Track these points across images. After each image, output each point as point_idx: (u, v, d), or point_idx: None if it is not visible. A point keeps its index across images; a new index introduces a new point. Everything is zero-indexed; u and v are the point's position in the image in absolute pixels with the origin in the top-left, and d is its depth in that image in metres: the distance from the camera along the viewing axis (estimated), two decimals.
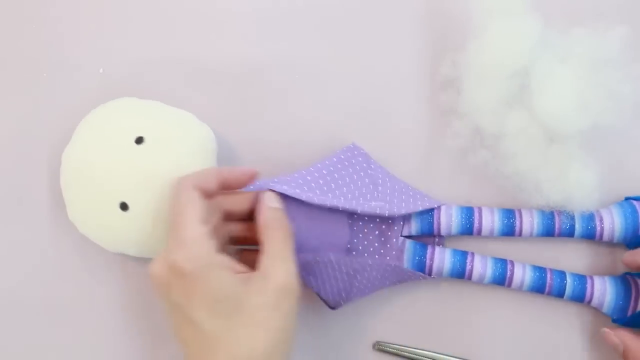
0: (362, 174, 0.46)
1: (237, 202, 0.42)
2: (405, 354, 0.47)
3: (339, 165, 0.46)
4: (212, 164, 0.45)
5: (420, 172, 0.48)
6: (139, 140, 0.42)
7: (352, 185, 0.45)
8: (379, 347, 0.47)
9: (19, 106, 0.48)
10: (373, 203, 0.44)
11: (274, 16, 0.50)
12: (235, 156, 0.48)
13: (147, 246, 0.43)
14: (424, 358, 0.47)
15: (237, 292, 0.37)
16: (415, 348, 0.47)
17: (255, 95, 0.49)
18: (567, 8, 0.49)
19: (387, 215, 0.44)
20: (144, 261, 0.46)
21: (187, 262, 0.36)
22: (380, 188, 0.46)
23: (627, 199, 0.47)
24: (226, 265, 0.38)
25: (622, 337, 0.43)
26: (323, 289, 0.45)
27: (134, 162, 0.42)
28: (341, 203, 0.43)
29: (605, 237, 0.46)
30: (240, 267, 0.39)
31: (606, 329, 0.44)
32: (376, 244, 0.46)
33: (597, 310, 0.46)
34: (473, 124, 0.46)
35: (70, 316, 0.48)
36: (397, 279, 0.46)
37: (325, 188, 0.44)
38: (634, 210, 0.45)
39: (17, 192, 0.48)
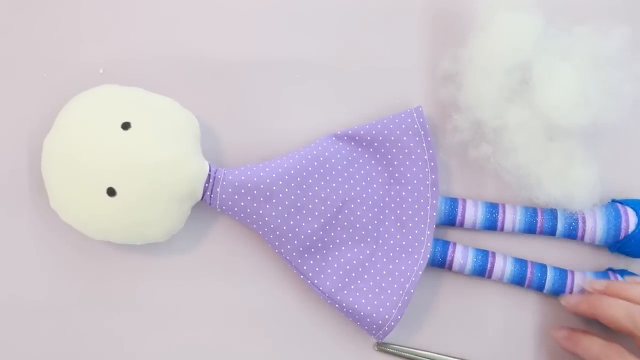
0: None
1: None
2: (405, 354, 0.47)
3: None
4: (196, 149, 0.45)
5: None
6: (126, 126, 0.42)
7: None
8: (379, 347, 0.47)
9: (19, 106, 0.49)
10: None
11: (273, 13, 0.50)
12: (225, 148, 0.49)
13: (134, 232, 0.43)
14: (424, 358, 0.47)
15: None
16: (415, 348, 0.47)
17: (256, 94, 0.49)
18: (569, 6, 0.49)
19: None
20: (128, 249, 0.46)
21: None
22: None
23: (613, 201, 0.46)
24: None
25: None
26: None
27: (122, 147, 0.42)
28: None
29: (587, 239, 0.46)
30: None
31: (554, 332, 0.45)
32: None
33: None
34: (474, 117, 0.46)
35: (59, 309, 0.47)
36: None
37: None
38: (618, 214, 0.45)
39: (16, 192, 0.48)
